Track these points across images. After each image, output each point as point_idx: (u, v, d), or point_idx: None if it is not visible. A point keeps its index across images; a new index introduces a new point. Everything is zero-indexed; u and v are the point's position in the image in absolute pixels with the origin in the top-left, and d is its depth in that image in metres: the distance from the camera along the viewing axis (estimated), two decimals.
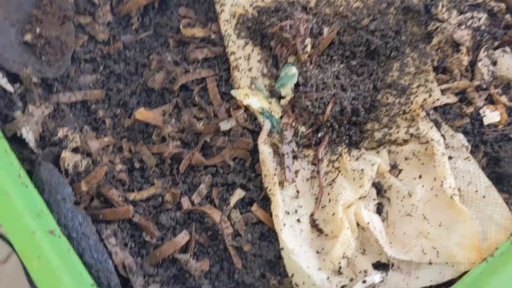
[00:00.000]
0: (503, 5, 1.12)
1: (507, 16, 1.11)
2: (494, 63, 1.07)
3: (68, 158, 0.95)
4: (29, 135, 0.97)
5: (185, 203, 0.96)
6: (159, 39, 1.16)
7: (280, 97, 1.07)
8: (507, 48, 1.08)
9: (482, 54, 1.06)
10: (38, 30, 1.08)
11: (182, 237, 0.92)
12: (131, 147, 1.03)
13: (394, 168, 0.99)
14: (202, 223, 0.95)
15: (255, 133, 1.02)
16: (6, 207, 0.80)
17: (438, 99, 1.00)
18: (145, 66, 1.13)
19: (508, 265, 0.79)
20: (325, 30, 1.11)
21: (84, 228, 0.86)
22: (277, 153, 1.00)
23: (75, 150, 0.97)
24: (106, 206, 0.94)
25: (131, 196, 0.95)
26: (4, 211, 0.80)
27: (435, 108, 1.03)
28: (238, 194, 0.96)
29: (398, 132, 1.01)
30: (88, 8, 1.15)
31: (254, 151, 1.01)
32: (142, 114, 1.03)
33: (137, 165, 1.00)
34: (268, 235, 0.94)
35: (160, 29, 1.17)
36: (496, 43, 1.08)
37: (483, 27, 1.07)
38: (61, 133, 0.98)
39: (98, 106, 1.09)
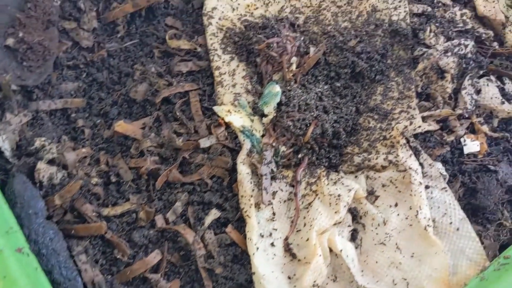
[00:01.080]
0: (491, 33, 1.12)
1: (495, 43, 1.11)
2: (478, 91, 1.07)
3: (43, 170, 0.94)
4: (5, 144, 0.96)
5: (159, 221, 0.95)
6: (144, 48, 1.15)
7: (262, 115, 1.07)
8: (492, 77, 1.08)
9: (466, 82, 1.06)
10: (21, 34, 1.07)
11: (154, 257, 0.91)
12: (109, 159, 1.02)
13: (371, 194, 0.99)
14: (175, 242, 0.95)
15: (234, 151, 1.01)
16: None
17: (419, 127, 1.00)
18: (128, 75, 1.12)
19: None
20: (312, 49, 1.10)
21: (54, 244, 0.86)
22: (256, 174, 0.99)
23: (51, 161, 0.96)
24: (79, 221, 0.93)
25: (105, 211, 0.95)
26: None
27: (416, 135, 1.03)
28: (214, 214, 0.96)
29: (377, 158, 1.00)
30: (73, 14, 1.14)
31: (233, 170, 1.00)
32: (121, 126, 1.02)
33: (113, 179, 0.99)
34: (241, 257, 0.94)
35: (146, 38, 1.16)
36: (481, 72, 1.07)
37: (469, 55, 1.07)
38: (38, 143, 0.97)
39: (78, 115, 1.08)
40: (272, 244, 0.93)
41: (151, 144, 1.01)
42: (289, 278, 0.91)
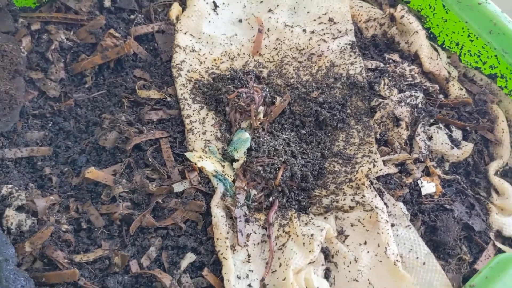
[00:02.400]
0: (436, 86, 1.23)
1: (440, 96, 1.23)
2: (430, 138, 1.16)
3: (12, 217, 0.91)
4: None
5: (134, 266, 0.93)
6: (112, 98, 1.17)
7: (232, 161, 1.10)
8: (441, 125, 1.18)
9: (419, 129, 1.15)
10: None
11: None
12: (78, 206, 1.00)
13: (341, 234, 1.03)
14: None
15: (208, 195, 1.03)
16: None
17: (381, 169, 1.07)
18: (96, 124, 1.13)
19: None
20: (278, 99, 1.17)
21: None
22: (230, 216, 1.01)
23: (19, 208, 0.93)
24: (50, 269, 0.89)
25: (77, 258, 0.92)
26: None
27: (378, 178, 1.09)
28: (189, 257, 0.95)
29: (344, 199, 1.05)
30: (41, 64, 1.15)
31: (206, 214, 1.01)
32: (92, 173, 1.01)
33: (84, 225, 0.97)
34: None
35: (114, 89, 1.18)
36: (431, 120, 1.18)
37: (420, 105, 1.17)
38: (5, 189, 0.94)
39: (44, 163, 1.06)
40: (249, 286, 0.93)
41: (123, 189, 1.00)
42: None
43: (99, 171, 1.02)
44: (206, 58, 1.23)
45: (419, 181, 1.11)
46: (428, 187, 1.11)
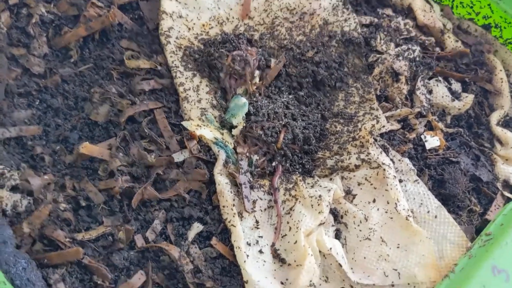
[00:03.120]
0: (432, 39, 1.20)
1: (437, 49, 1.20)
2: (430, 91, 1.14)
3: (6, 198, 0.86)
4: None
5: (139, 241, 0.90)
6: (100, 72, 1.11)
7: (231, 128, 1.06)
8: (440, 78, 1.16)
9: (419, 83, 1.13)
10: None
11: (138, 278, 0.85)
12: (75, 184, 0.95)
13: (348, 193, 1.00)
14: (158, 262, 0.89)
15: (210, 163, 0.99)
16: None
17: (384, 126, 1.04)
18: (85, 100, 1.07)
19: (470, 278, 0.81)
20: (272, 61, 1.13)
21: (28, 273, 0.77)
22: (234, 184, 0.97)
23: (13, 188, 0.88)
24: (51, 249, 0.85)
25: (79, 236, 0.88)
26: None
27: (381, 135, 1.07)
28: (196, 227, 0.92)
29: (349, 159, 1.03)
30: (22, 40, 1.08)
31: (210, 183, 0.97)
32: (87, 148, 0.96)
33: (83, 203, 0.92)
34: (229, 269, 0.90)
35: (101, 61, 1.12)
36: (430, 73, 1.15)
37: (418, 59, 1.14)
38: None
39: (35, 143, 1.00)
40: (261, 251, 0.91)
41: (121, 163, 0.96)
42: (282, 283, 0.89)
43: (94, 146, 0.97)
44: (194, 24, 1.18)
45: (422, 136, 1.09)
46: (432, 141, 1.08)
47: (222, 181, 0.95)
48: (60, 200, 0.91)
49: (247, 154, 1.01)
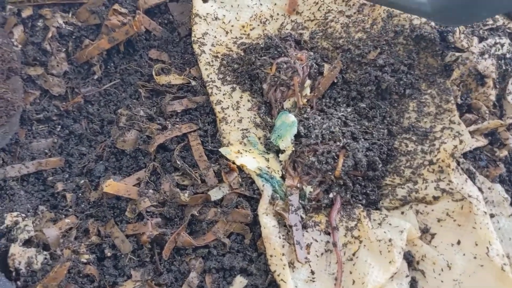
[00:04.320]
0: None
1: None
2: None
3: (19, 254, 0.74)
4: None
5: None
6: (127, 89, 0.98)
7: (278, 151, 0.89)
8: None
9: (510, 86, 0.91)
10: None
11: None
12: (100, 228, 0.83)
13: (425, 232, 0.82)
14: None
15: (253, 200, 0.83)
16: None
17: (469, 145, 0.84)
18: (112, 123, 0.94)
19: None
20: (326, 67, 0.94)
21: None
22: (283, 224, 0.81)
23: (27, 242, 0.76)
24: None
25: None
26: None
27: (464, 154, 0.86)
28: (239, 282, 0.77)
29: (426, 188, 0.83)
30: (39, 58, 0.96)
31: (254, 223, 0.82)
32: (111, 186, 0.83)
33: (108, 252, 0.80)
34: None
35: (128, 77, 0.98)
36: None
37: (508, 55, 0.92)
38: (9, 219, 0.78)
39: (56, 178, 0.89)
40: None
41: (150, 203, 0.82)
42: None
43: (119, 183, 0.84)
44: (232, 26, 1.00)
45: None
46: None
47: (268, 224, 0.79)
48: (82, 250, 0.79)
49: (298, 185, 0.84)
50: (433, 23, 0.94)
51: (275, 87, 0.92)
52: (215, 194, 0.82)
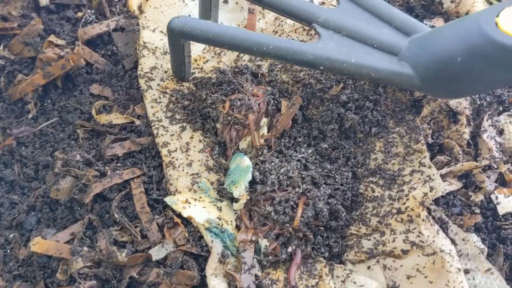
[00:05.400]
0: None
1: None
2: (501, 132, 0.84)
3: None
4: None
5: None
6: (66, 128, 0.88)
7: (232, 199, 0.80)
8: None
9: (485, 122, 0.83)
10: None
11: None
12: None
13: None
14: None
15: (201, 258, 0.74)
16: None
17: (439, 191, 0.76)
18: (48, 167, 0.84)
19: None
20: (284, 104, 0.85)
21: None
22: (234, 286, 0.71)
23: None
24: None
25: None
26: None
27: (436, 200, 0.78)
28: None
29: (394, 240, 0.75)
30: None
31: (202, 285, 0.72)
32: (39, 245, 0.73)
33: None
34: None
35: (67, 115, 0.89)
36: (501, 108, 0.85)
37: None
38: None
39: None
40: None
41: (84, 264, 0.72)
42: None
43: (49, 241, 0.74)
44: None
45: (493, 196, 0.80)
46: (507, 203, 0.80)
47: (217, 287, 0.69)
48: None
49: (252, 238, 0.75)
50: None
51: (229, 126, 0.84)
52: (157, 253, 0.73)
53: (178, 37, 0.76)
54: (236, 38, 0.72)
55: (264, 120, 0.84)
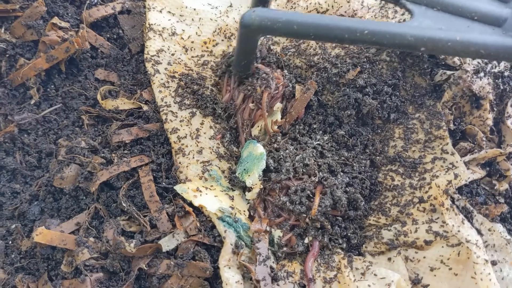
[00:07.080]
0: None
1: None
2: None
3: None
4: None
5: None
6: (70, 115, 0.84)
7: (245, 187, 0.76)
8: None
9: (509, 108, 0.79)
10: None
11: None
12: (30, 285, 0.69)
13: (417, 283, 0.69)
14: None
15: (214, 249, 0.70)
16: None
17: (463, 179, 0.72)
18: (52, 155, 0.81)
19: None
20: (297, 89, 0.81)
21: None
22: (249, 278, 0.68)
23: None
24: None
25: None
26: None
27: (459, 188, 0.74)
28: None
29: (416, 231, 0.71)
30: None
31: (215, 277, 0.69)
32: (43, 235, 0.69)
33: None
34: None
35: (71, 101, 0.85)
36: None
37: (506, 72, 0.80)
38: None
39: None
40: None
41: (90, 255, 0.68)
42: None
43: (53, 231, 0.70)
44: (193, 42, 0.88)
45: None
46: None
47: (231, 279, 0.66)
48: None
49: (268, 228, 0.72)
50: None
51: (245, 102, 0.80)
52: (167, 243, 0.69)
53: (255, 33, 0.68)
54: (324, 26, 0.63)
55: (278, 105, 0.80)
